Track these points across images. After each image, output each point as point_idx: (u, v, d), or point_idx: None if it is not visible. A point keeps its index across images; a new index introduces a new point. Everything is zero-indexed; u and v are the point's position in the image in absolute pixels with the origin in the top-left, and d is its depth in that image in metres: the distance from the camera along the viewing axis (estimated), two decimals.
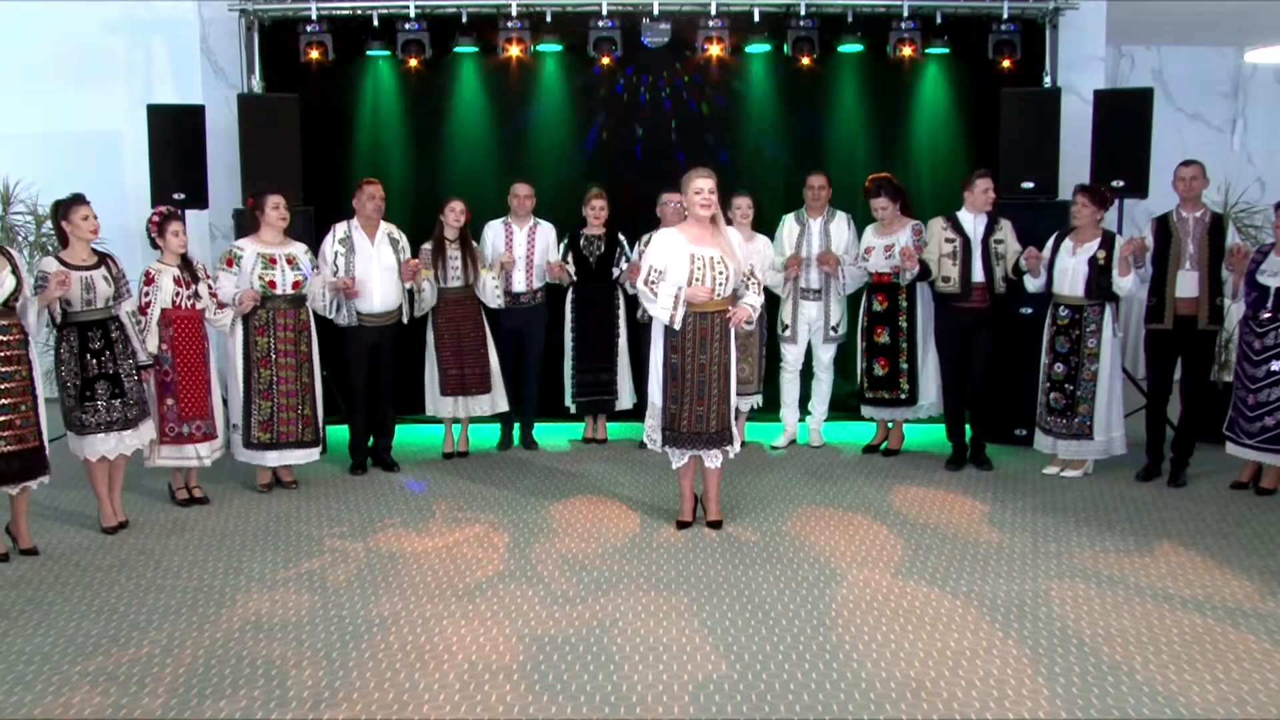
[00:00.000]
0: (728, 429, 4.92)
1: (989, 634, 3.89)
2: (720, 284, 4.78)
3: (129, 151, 7.43)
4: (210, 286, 5.44)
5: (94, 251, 5.02)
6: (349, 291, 5.80)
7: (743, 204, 6.17)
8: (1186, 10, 7.47)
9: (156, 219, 5.32)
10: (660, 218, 6.36)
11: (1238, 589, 4.30)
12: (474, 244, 6.37)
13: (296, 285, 5.60)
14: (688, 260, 4.76)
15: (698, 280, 4.75)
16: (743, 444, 5.70)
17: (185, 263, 5.36)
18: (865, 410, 6.54)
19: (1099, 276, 5.65)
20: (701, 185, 4.75)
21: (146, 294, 5.22)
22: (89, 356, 4.94)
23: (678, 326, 4.79)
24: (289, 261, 5.59)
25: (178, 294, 5.27)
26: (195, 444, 5.38)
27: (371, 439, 6.23)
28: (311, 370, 5.72)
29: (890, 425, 6.53)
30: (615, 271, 6.59)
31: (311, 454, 5.79)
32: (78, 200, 4.99)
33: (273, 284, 5.53)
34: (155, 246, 5.38)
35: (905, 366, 6.29)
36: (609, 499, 5.57)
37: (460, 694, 3.47)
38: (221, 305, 5.46)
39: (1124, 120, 6.46)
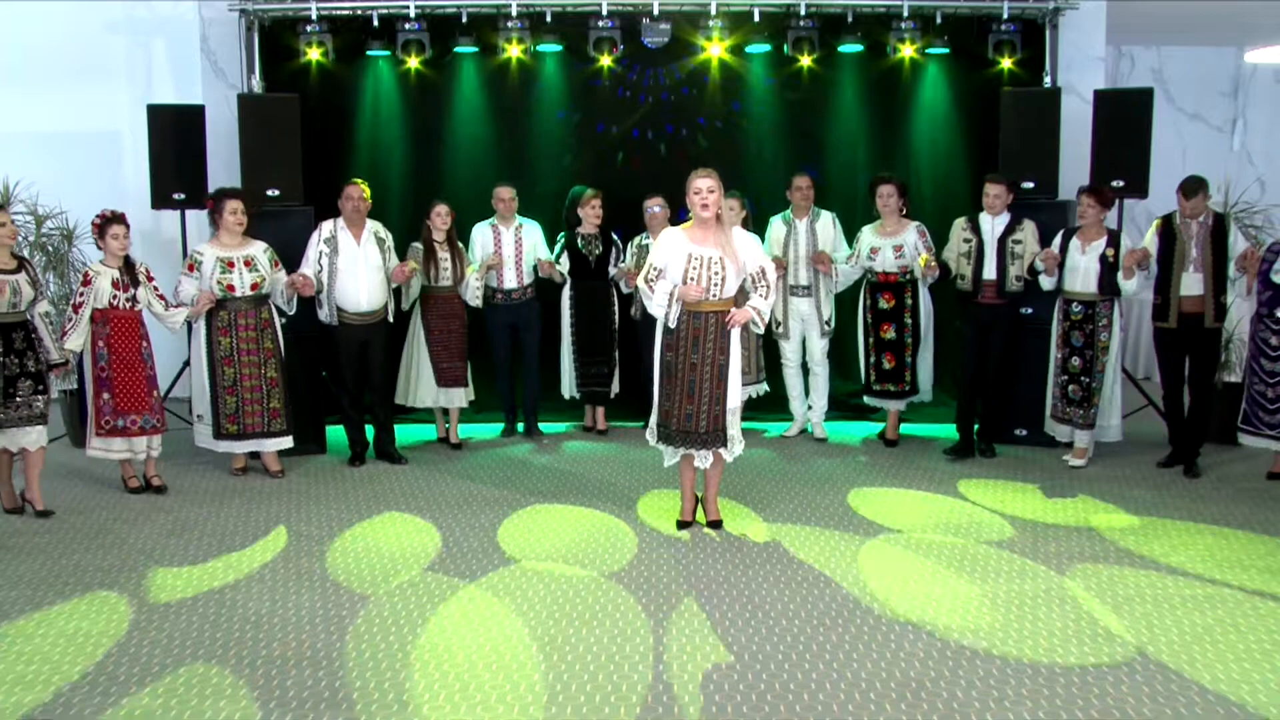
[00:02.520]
0: (720, 431, 4.90)
1: (989, 634, 3.89)
2: (715, 284, 4.78)
3: (129, 151, 7.44)
4: (157, 288, 5.64)
5: (12, 255, 5.19)
6: (304, 288, 5.87)
7: (733, 205, 6.17)
8: (1186, 10, 7.48)
9: (98, 222, 5.48)
10: (646, 223, 6.43)
11: (1239, 588, 4.30)
12: (460, 245, 6.47)
13: (255, 286, 5.74)
14: (684, 259, 4.78)
15: (692, 279, 4.76)
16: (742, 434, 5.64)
17: (127, 265, 5.54)
18: (869, 400, 6.67)
19: (1109, 273, 5.78)
20: (700, 185, 4.75)
21: (81, 294, 5.41)
22: (12, 356, 5.13)
23: (672, 325, 4.83)
24: (246, 263, 5.74)
25: (115, 296, 5.45)
26: (131, 437, 5.54)
27: (373, 434, 6.31)
28: (278, 364, 5.86)
29: (901, 414, 6.68)
30: (612, 270, 6.67)
31: (281, 442, 5.92)
32: None
33: (231, 287, 5.69)
34: (100, 248, 5.53)
35: (909, 360, 6.45)
36: (609, 498, 5.57)
37: (460, 694, 3.47)
38: (178, 305, 5.66)
39: (1124, 120, 6.47)
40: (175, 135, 6.60)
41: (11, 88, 7.50)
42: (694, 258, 4.78)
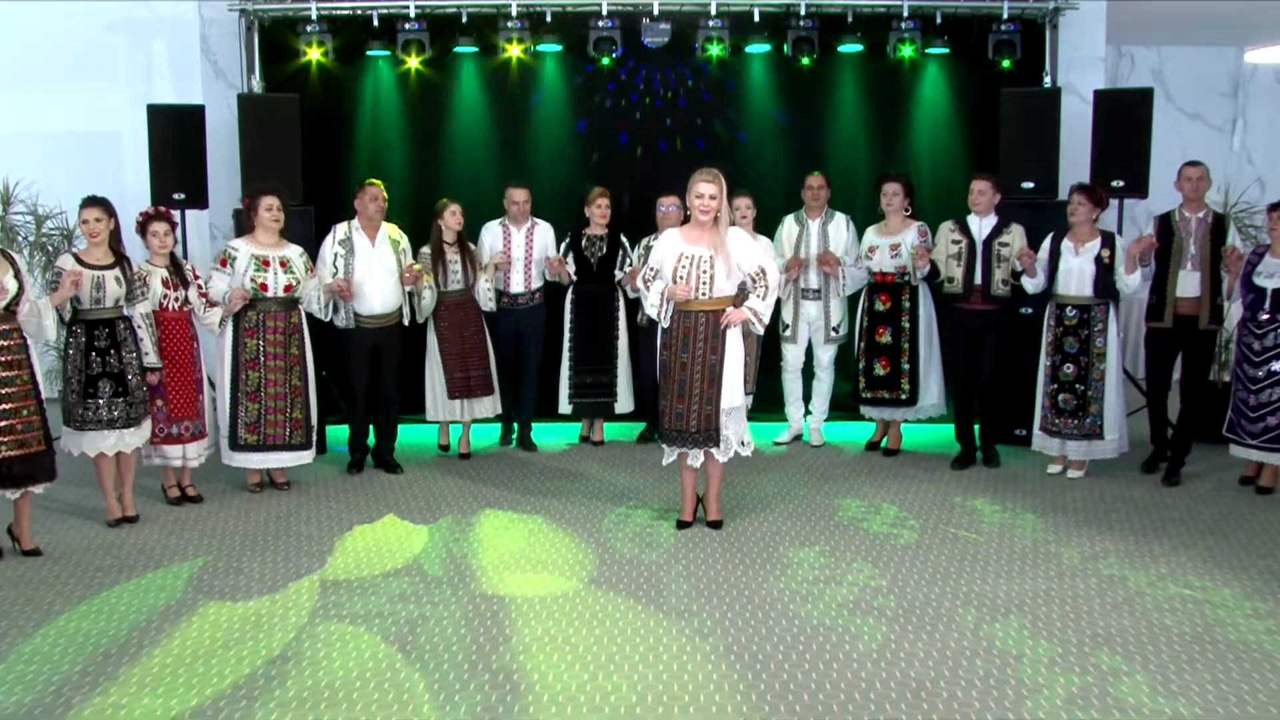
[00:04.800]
0: (711, 430, 4.88)
1: (988, 634, 3.89)
2: (704, 284, 4.78)
3: (129, 151, 7.43)
4: (200, 287, 5.46)
5: (112, 251, 5.07)
6: (344, 293, 5.78)
7: (742, 204, 6.15)
8: (1186, 10, 7.48)
9: (141, 220, 5.36)
10: (658, 222, 6.36)
11: (1238, 589, 4.30)
12: (472, 247, 6.37)
13: (289, 288, 5.57)
14: (675, 258, 4.80)
15: (681, 278, 4.78)
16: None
17: (174, 264, 5.40)
18: (864, 410, 6.55)
19: (1105, 275, 5.64)
20: (703, 190, 4.72)
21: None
22: (94, 354, 4.99)
23: (665, 324, 4.89)
24: (282, 264, 5.58)
25: (165, 296, 5.31)
26: (184, 444, 5.42)
27: (374, 440, 6.22)
28: (303, 373, 5.69)
29: (889, 424, 6.55)
30: (617, 274, 6.58)
31: (301, 457, 5.73)
32: (86, 203, 5.06)
33: (264, 286, 5.52)
34: (146, 247, 5.42)
35: (906, 367, 6.30)
36: (609, 499, 5.57)
37: (460, 694, 3.47)
38: (212, 304, 5.47)
39: (1124, 120, 6.46)
40: (175, 135, 6.59)
41: (11, 88, 7.50)
42: (684, 257, 4.79)
